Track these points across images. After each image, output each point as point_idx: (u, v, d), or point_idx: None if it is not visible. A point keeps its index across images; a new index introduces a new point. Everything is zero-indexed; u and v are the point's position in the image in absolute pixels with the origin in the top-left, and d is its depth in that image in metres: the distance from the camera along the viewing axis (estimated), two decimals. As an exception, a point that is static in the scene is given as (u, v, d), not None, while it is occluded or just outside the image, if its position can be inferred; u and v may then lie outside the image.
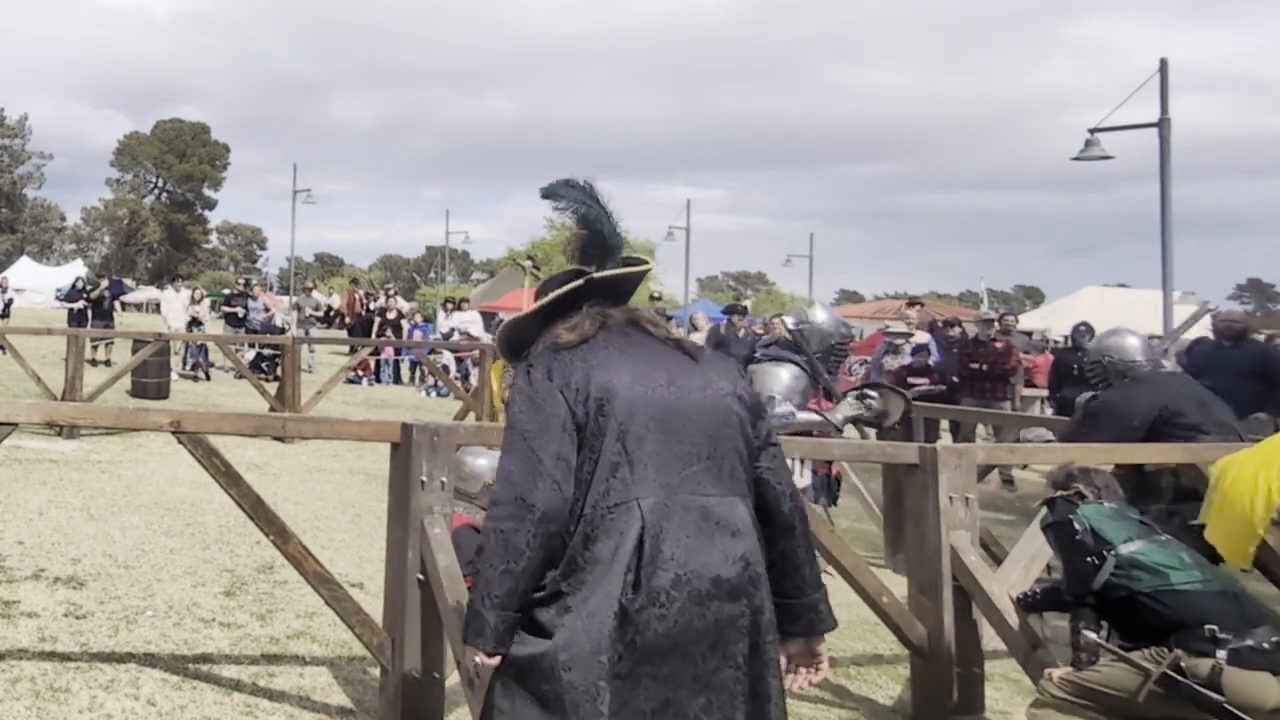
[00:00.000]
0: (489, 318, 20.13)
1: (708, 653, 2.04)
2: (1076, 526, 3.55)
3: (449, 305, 20.61)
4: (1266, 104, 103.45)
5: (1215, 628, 3.16)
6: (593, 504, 2.06)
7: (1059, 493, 3.87)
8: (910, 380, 11.44)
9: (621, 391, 2.12)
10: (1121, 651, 3.32)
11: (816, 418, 5.11)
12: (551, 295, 2.28)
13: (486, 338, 17.23)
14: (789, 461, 4.86)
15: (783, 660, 2.20)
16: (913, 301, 16.94)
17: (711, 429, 2.16)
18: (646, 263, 2.38)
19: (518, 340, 2.36)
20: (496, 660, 2.08)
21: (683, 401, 2.16)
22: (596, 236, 2.32)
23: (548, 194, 2.37)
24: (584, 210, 2.32)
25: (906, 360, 11.89)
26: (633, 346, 2.21)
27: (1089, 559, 3.48)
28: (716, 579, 2.05)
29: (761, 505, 2.20)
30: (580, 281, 2.27)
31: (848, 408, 5.16)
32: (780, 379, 5.11)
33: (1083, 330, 11.98)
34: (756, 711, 2.08)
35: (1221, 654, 3.11)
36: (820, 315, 5.42)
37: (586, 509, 2.06)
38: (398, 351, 18.64)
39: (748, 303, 20.07)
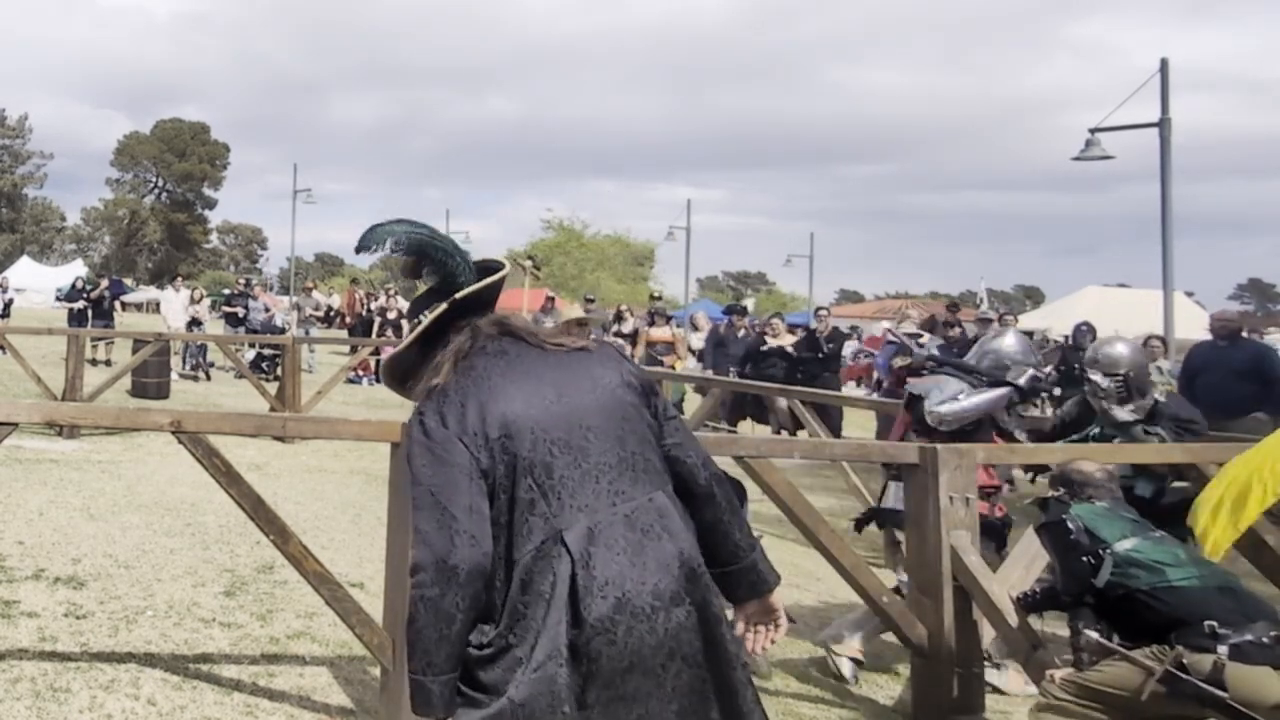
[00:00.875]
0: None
1: (666, 661, 2.01)
2: (1071, 526, 3.56)
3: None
4: (1266, 104, 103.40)
5: (1215, 623, 3.16)
6: (519, 548, 2.01)
7: (1051, 493, 3.87)
8: (910, 380, 11.42)
9: (518, 420, 2.06)
10: (1123, 650, 3.32)
11: (998, 391, 4.88)
12: (422, 324, 2.23)
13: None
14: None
15: (740, 625, 2.20)
16: (952, 305, 16.62)
17: (612, 429, 2.12)
18: (504, 266, 2.29)
19: (401, 371, 2.31)
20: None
21: (576, 412, 2.11)
22: (424, 254, 2.25)
23: (361, 247, 2.28)
24: (404, 237, 2.22)
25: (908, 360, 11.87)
26: (512, 366, 2.15)
27: (1085, 558, 3.49)
28: (656, 590, 2.01)
29: (678, 482, 2.17)
30: (445, 306, 2.21)
31: (1029, 371, 4.99)
32: (948, 383, 4.97)
33: (1084, 330, 11.98)
34: (728, 706, 2.07)
35: (1223, 649, 3.11)
36: (1009, 341, 5.20)
37: (515, 554, 2.01)
38: (398, 351, 18.62)
39: (748, 303, 20.06)
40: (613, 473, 2.09)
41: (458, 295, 2.21)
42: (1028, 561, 4.30)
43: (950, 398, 4.87)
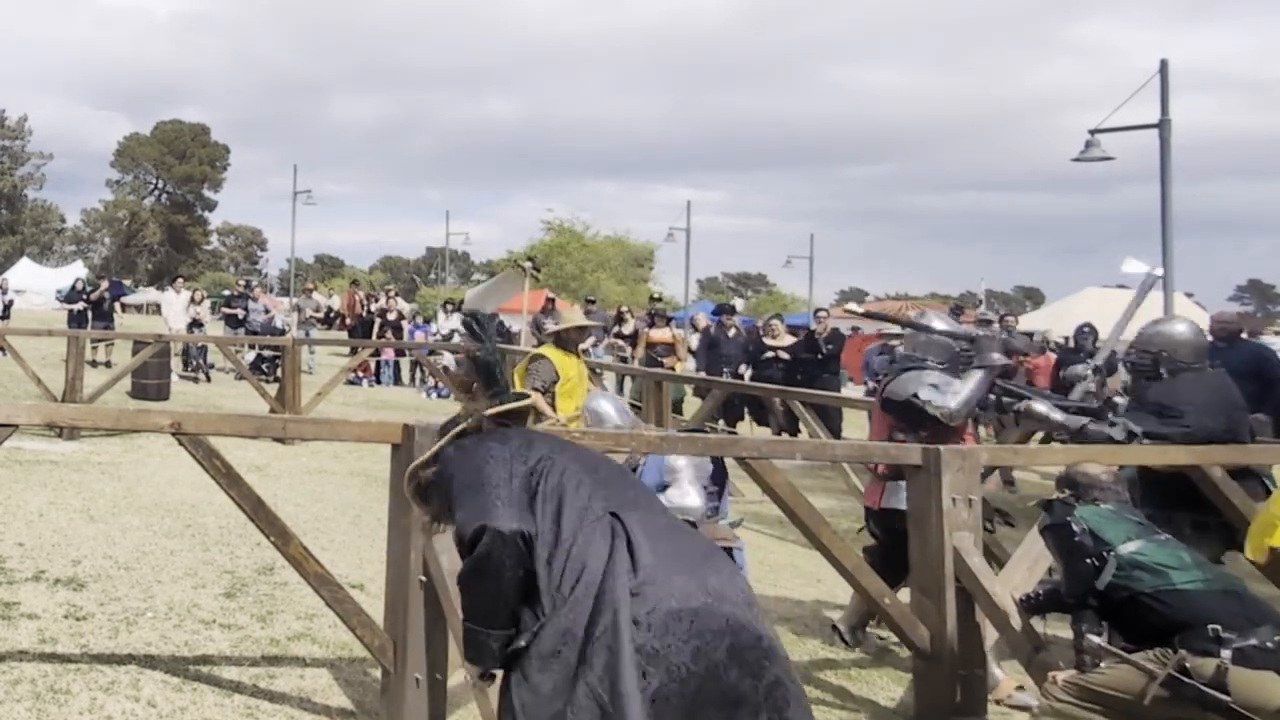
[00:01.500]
0: (489, 319, 20.13)
1: (728, 660, 2.07)
2: (1075, 528, 3.54)
3: (449, 306, 20.61)
4: (1265, 104, 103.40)
5: (1219, 627, 3.15)
6: (570, 535, 2.20)
7: (1057, 495, 3.86)
8: (888, 385, 11.39)
9: (551, 453, 2.39)
10: (1125, 653, 3.31)
11: (980, 371, 4.95)
12: (449, 434, 2.53)
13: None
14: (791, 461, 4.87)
15: None
16: (957, 308, 16.54)
17: (627, 477, 2.53)
18: (528, 397, 2.74)
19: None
20: (499, 674, 2.23)
21: (598, 459, 2.53)
22: (488, 376, 2.68)
23: (467, 322, 3.00)
24: (482, 354, 2.74)
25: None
26: (534, 434, 2.60)
27: (1088, 560, 3.48)
28: (712, 589, 2.13)
29: None
30: (468, 423, 2.56)
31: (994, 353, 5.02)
32: (926, 375, 4.90)
33: (1085, 331, 11.97)
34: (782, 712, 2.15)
35: (1226, 654, 3.10)
36: (937, 324, 5.23)
37: (573, 547, 2.18)
38: (398, 353, 18.63)
39: (736, 302, 20.24)
40: (640, 499, 2.39)
41: (487, 412, 2.56)
42: (1030, 563, 4.29)
43: (946, 390, 4.83)
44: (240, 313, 18.49)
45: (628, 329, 16.20)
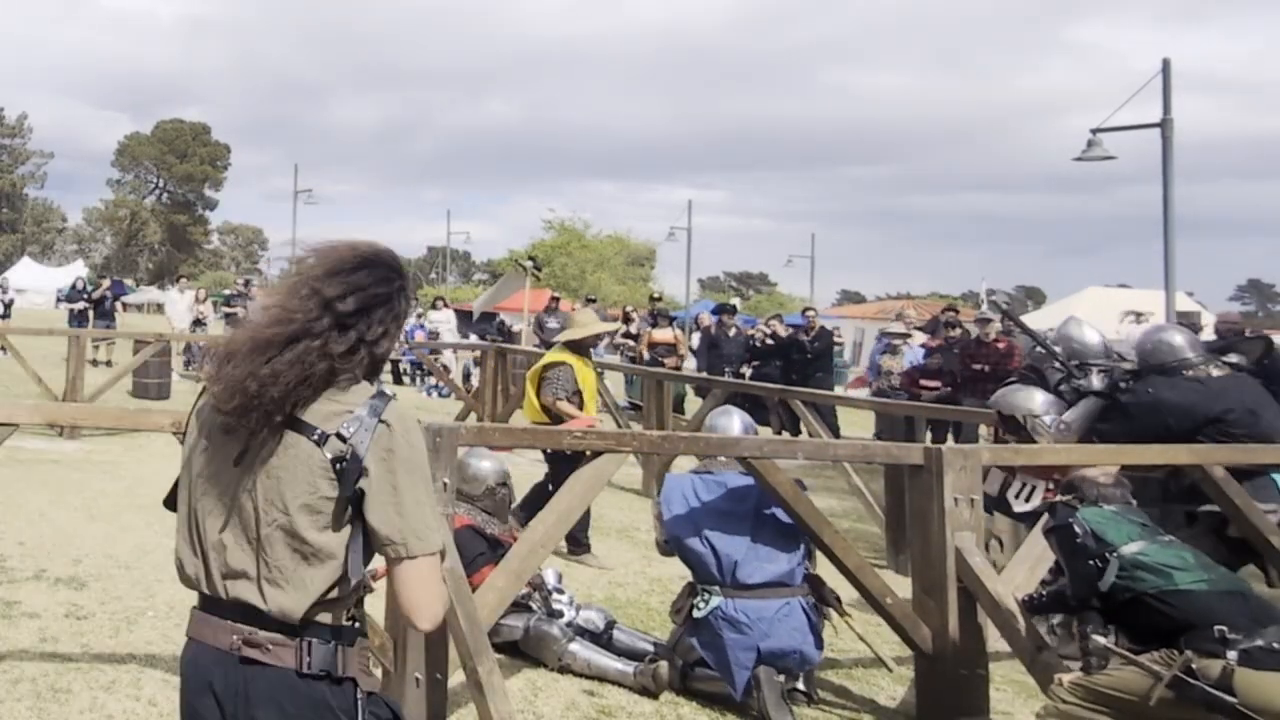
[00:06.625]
0: (490, 318, 20.19)
1: None
2: (1077, 530, 3.53)
3: (440, 303, 20.67)
4: (1263, 107, 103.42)
5: (1225, 628, 3.13)
6: None
7: (1060, 497, 3.85)
8: (923, 383, 11.44)
9: None
10: (1131, 654, 3.30)
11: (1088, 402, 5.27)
12: None
13: (453, 338, 17.51)
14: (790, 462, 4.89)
15: None
16: (949, 309, 16.43)
17: None
18: None
19: None
20: None
21: None
22: None
23: None
24: None
25: (919, 360, 11.91)
26: None
27: (1091, 562, 3.46)
28: None
29: None
30: None
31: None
32: (1034, 394, 5.33)
33: (1083, 330, 11.99)
34: None
35: (1232, 655, 3.08)
36: (1088, 334, 5.47)
37: None
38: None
39: (735, 301, 20.51)
40: None
41: None
42: (1031, 563, 4.29)
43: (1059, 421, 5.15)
44: (240, 312, 18.48)
45: (633, 328, 16.27)
